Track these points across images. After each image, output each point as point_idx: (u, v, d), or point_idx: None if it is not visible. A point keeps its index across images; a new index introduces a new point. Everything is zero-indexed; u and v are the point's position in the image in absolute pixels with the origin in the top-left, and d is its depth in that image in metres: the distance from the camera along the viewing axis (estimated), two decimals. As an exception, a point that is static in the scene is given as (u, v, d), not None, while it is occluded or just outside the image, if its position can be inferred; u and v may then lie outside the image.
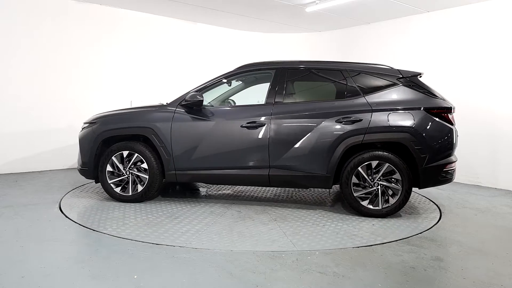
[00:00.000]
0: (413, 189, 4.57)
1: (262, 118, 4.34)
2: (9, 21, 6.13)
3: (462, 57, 6.41)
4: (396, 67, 4.69)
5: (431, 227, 4.00)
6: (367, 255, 3.21)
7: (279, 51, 9.02)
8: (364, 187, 4.23)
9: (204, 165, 4.46)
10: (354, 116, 4.20)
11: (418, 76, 4.47)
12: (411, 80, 4.40)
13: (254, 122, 4.34)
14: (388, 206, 4.20)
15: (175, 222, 3.97)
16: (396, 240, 3.57)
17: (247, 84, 5.17)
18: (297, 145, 4.27)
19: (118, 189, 4.59)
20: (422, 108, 4.19)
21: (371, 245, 3.44)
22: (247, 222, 4.04)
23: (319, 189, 5.54)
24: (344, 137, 4.18)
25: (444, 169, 4.21)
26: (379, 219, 4.17)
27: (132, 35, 7.38)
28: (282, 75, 4.53)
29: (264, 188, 5.55)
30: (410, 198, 4.68)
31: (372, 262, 3.08)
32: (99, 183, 4.72)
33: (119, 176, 4.59)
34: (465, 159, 6.39)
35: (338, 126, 4.21)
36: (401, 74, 4.42)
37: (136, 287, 2.57)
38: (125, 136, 4.64)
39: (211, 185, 5.68)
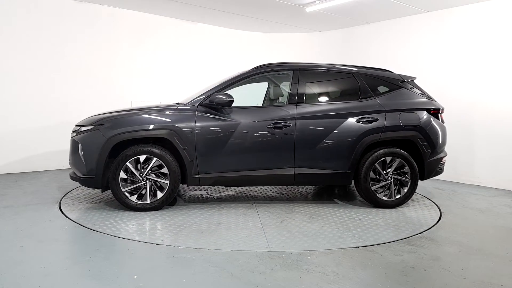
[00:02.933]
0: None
1: (288, 119, 4.43)
2: (8, 21, 6.13)
3: (462, 57, 6.42)
4: (396, 67, 4.85)
5: (431, 227, 4.01)
6: (367, 255, 3.21)
7: (279, 51, 9.02)
8: (379, 181, 4.60)
9: (230, 167, 4.36)
10: (371, 116, 4.57)
11: (414, 80, 5.03)
12: (410, 83, 4.94)
13: (280, 122, 4.41)
14: (400, 197, 4.65)
15: (224, 228, 3.82)
16: (396, 240, 3.58)
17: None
18: (320, 144, 4.47)
19: (133, 198, 4.22)
20: (424, 109, 4.73)
21: (371, 245, 3.44)
22: (292, 221, 4.10)
23: (309, 186, 5.64)
24: (364, 136, 4.52)
25: (441, 162, 4.86)
26: (389, 209, 4.46)
27: (132, 35, 7.38)
28: (301, 76, 4.67)
29: (265, 187, 5.56)
30: (410, 198, 4.98)
31: (372, 262, 3.08)
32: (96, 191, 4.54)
33: (133, 183, 4.21)
34: (465, 159, 6.40)
35: (358, 126, 4.53)
36: (402, 78, 4.92)
37: (136, 287, 2.57)
38: (138, 139, 4.25)
39: (207, 187, 5.66)
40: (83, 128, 4.33)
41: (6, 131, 6.22)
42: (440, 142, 4.76)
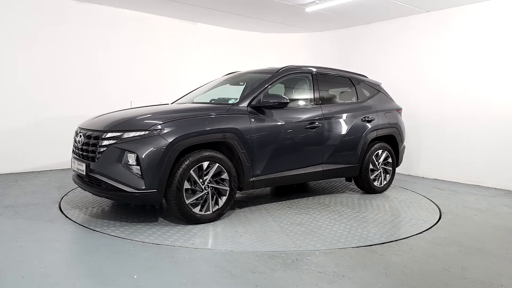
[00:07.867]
0: (413, 190, 5.84)
1: (318, 119, 4.75)
2: (9, 21, 6.13)
3: (462, 57, 6.42)
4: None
5: (431, 227, 4.01)
6: (367, 255, 3.21)
7: (279, 51, 9.02)
8: (373, 171, 5.32)
9: (277, 168, 4.40)
10: (370, 116, 5.26)
11: (381, 84, 5.86)
12: (382, 88, 5.79)
13: (314, 122, 4.68)
14: (386, 183, 5.51)
15: (308, 227, 3.86)
16: (396, 240, 3.58)
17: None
18: (340, 141, 4.95)
19: (197, 209, 3.80)
20: (396, 109, 5.68)
21: (371, 245, 3.44)
22: (348, 213, 4.41)
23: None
24: (367, 133, 5.19)
25: (404, 152, 5.88)
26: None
27: (132, 35, 7.38)
28: (319, 79, 5.01)
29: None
30: (409, 198, 5.26)
31: (372, 262, 3.08)
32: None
33: (194, 192, 3.81)
34: (465, 159, 6.40)
35: (363, 124, 5.18)
36: (378, 84, 5.75)
37: (136, 287, 2.57)
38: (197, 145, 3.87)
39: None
40: (131, 134, 3.65)
41: (6, 131, 6.22)
42: (404, 135, 5.76)
